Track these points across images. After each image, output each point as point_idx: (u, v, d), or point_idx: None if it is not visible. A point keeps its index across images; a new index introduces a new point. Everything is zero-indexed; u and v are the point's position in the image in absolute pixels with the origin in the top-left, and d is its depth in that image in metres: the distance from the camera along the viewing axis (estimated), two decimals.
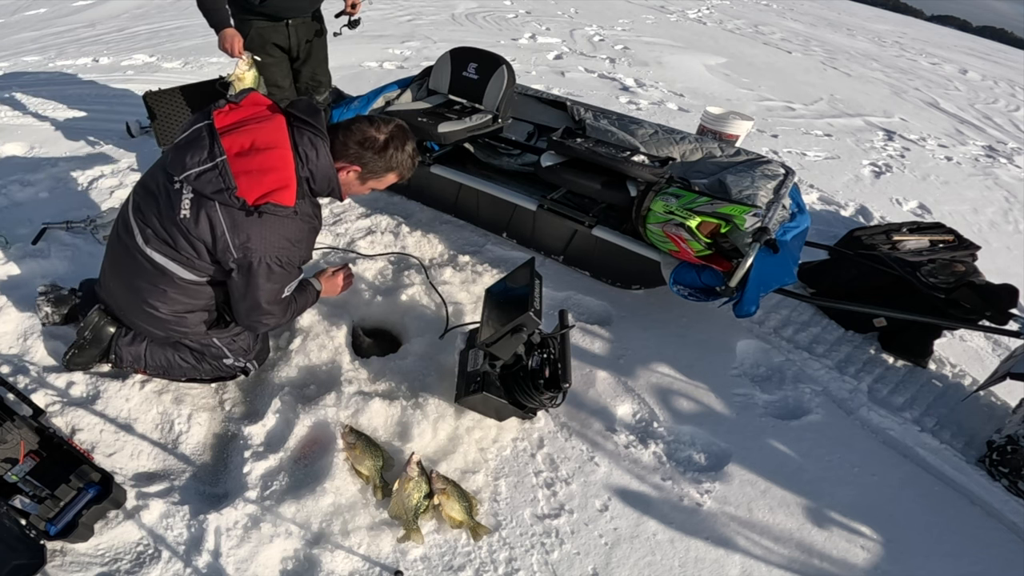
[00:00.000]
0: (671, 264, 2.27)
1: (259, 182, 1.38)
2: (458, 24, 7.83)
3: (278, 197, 1.40)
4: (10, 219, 2.58)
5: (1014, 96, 8.88)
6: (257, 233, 1.43)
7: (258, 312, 1.61)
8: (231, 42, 2.54)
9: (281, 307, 1.66)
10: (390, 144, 1.53)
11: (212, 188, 1.39)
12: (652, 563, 1.60)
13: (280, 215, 1.44)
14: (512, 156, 3.14)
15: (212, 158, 1.38)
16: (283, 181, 1.40)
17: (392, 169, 1.58)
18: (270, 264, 1.49)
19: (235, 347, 1.82)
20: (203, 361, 1.83)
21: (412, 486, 1.54)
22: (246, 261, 1.48)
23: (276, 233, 1.46)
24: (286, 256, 1.51)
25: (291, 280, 1.61)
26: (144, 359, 1.81)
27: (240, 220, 1.42)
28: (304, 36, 2.87)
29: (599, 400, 2.07)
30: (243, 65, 2.58)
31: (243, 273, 1.51)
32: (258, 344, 1.90)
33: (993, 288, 2.26)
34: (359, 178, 1.58)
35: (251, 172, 1.37)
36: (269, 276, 1.52)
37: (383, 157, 1.53)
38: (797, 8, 15.03)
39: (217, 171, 1.37)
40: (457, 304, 2.35)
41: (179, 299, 1.62)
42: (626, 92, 5.87)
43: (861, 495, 1.88)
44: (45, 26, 6.02)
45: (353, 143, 1.50)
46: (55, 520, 1.41)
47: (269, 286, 1.55)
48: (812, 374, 2.33)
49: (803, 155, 4.90)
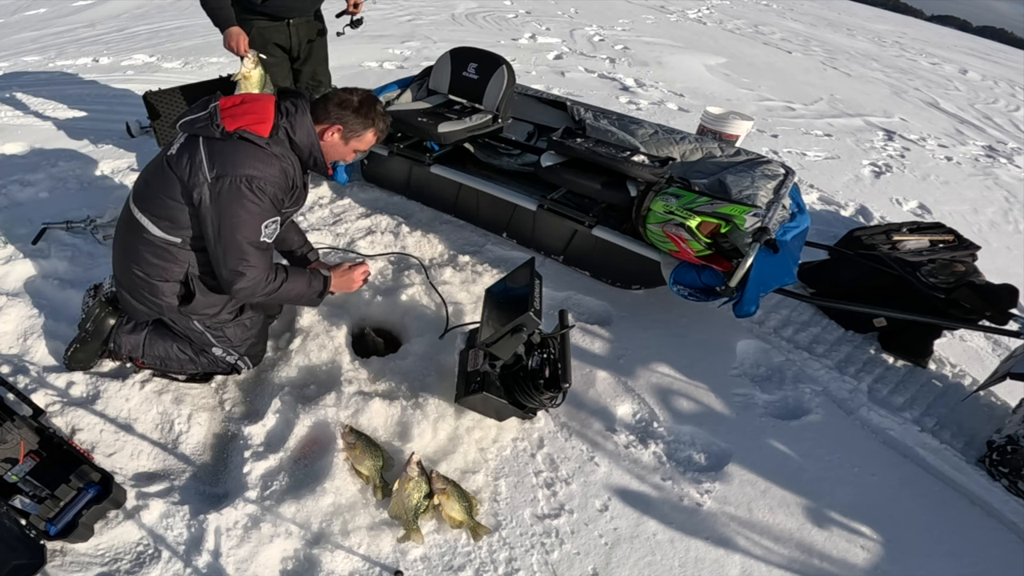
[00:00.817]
0: (671, 264, 2.27)
1: (240, 119, 1.55)
2: (458, 24, 7.83)
3: (253, 128, 1.55)
4: (10, 219, 2.58)
5: (1014, 96, 8.88)
6: (230, 155, 1.53)
7: (235, 253, 1.57)
8: (236, 40, 2.54)
9: (261, 257, 1.63)
10: (364, 103, 1.69)
11: (200, 125, 1.56)
12: (652, 563, 1.60)
13: (254, 141, 1.55)
14: (512, 156, 3.14)
15: (206, 108, 1.59)
16: (260, 118, 1.57)
17: (369, 126, 1.71)
18: (240, 186, 1.51)
19: (221, 336, 1.81)
20: (200, 354, 1.84)
21: (412, 486, 1.54)
22: (217, 183, 1.51)
23: (249, 155, 1.53)
24: (257, 183, 1.53)
25: (266, 217, 1.59)
26: (143, 347, 1.83)
27: (217, 147, 1.54)
28: (305, 36, 2.87)
29: (599, 400, 2.07)
30: (248, 63, 2.58)
31: (215, 199, 1.52)
32: (250, 338, 1.89)
33: (993, 288, 2.26)
34: (342, 138, 1.70)
35: (235, 114, 1.56)
36: (241, 201, 1.53)
37: (360, 114, 1.68)
38: (797, 8, 15.04)
39: (208, 114, 1.57)
40: (457, 304, 2.35)
41: (152, 262, 1.66)
42: (626, 92, 5.87)
43: (861, 495, 1.88)
44: (45, 26, 6.02)
45: (332, 106, 1.66)
46: (55, 520, 1.41)
47: (243, 215, 1.54)
48: (812, 374, 2.33)
49: (803, 155, 4.90)
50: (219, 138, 1.53)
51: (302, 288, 1.76)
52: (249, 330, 1.88)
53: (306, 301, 1.82)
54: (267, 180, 1.55)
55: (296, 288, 1.75)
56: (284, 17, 2.72)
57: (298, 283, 1.75)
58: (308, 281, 1.78)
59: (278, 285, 1.68)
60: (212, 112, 1.56)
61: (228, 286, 1.63)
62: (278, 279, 1.69)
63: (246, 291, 1.63)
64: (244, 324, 1.87)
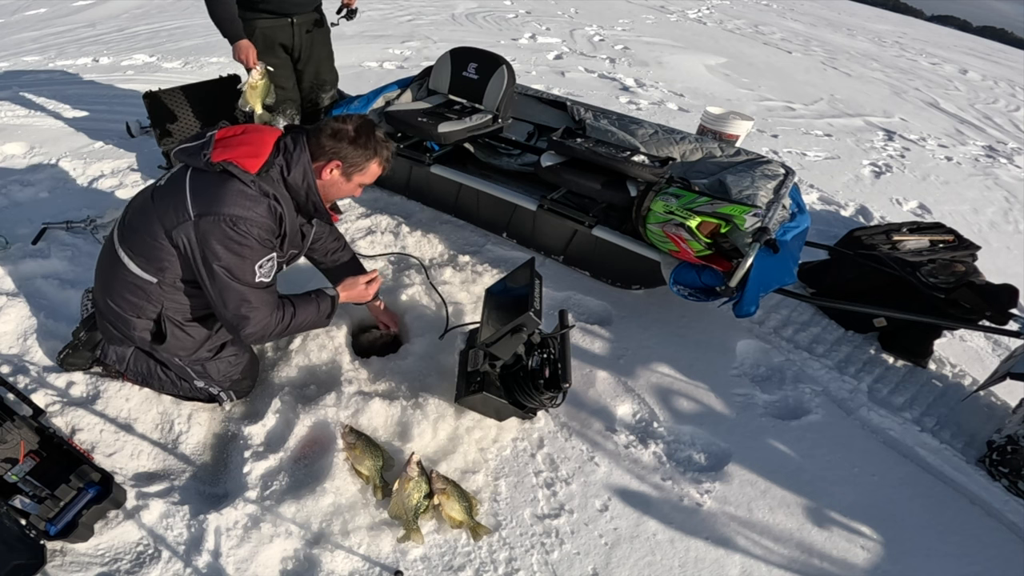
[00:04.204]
0: (671, 264, 2.26)
1: (231, 150, 1.46)
2: (458, 24, 7.83)
3: (241, 161, 1.45)
4: (10, 219, 2.58)
5: (1014, 96, 8.87)
6: (213, 191, 1.44)
7: (233, 298, 1.48)
8: (246, 53, 2.57)
9: (263, 297, 1.53)
10: (361, 131, 1.54)
11: (191, 153, 1.48)
12: (652, 563, 1.60)
13: (240, 177, 1.44)
14: (512, 156, 3.14)
15: (201, 138, 1.51)
16: (254, 152, 1.47)
17: (371, 157, 1.58)
18: (223, 227, 1.41)
19: (201, 371, 1.73)
20: (182, 380, 1.78)
21: (412, 486, 1.54)
22: (199, 222, 1.42)
23: (232, 192, 1.43)
24: (243, 223, 1.43)
25: (258, 257, 1.49)
26: (128, 362, 1.77)
27: (201, 182, 1.46)
28: (305, 29, 2.87)
29: (599, 400, 2.07)
30: (256, 75, 2.61)
31: (200, 240, 1.43)
32: (235, 374, 1.80)
33: (993, 288, 2.26)
34: (343, 173, 1.57)
35: (229, 145, 1.47)
36: (226, 243, 1.43)
37: (358, 144, 1.54)
38: (797, 8, 15.03)
39: (200, 143, 1.49)
40: (457, 304, 2.35)
41: (126, 297, 1.58)
42: (626, 92, 5.87)
43: (861, 495, 1.88)
44: (45, 26, 6.02)
45: (326, 138, 1.53)
46: (55, 520, 1.41)
47: (232, 258, 1.45)
48: (812, 374, 2.33)
49: (803, 155, 4.90)
50: (204, 169, 1.45)
51: (312, 315, 1.68)
52: (233, 367, 1.79)
53: (318, 326, 1.76)
54: (252, 221, 1.44)
55: (307, 317, 1.67)
56: (287, 13, 2.73)
57: (307, 311, 1.67)
58: (317, 306, 1.70)
59: (288, 322, 1.60)
60: (207, 141, 1.48)
61: (235, 332, 1.56)
62: (286, 315, 1.60)
63: (256, 335, 1.55)
64: (228, 361, 1.77)
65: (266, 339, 1.61)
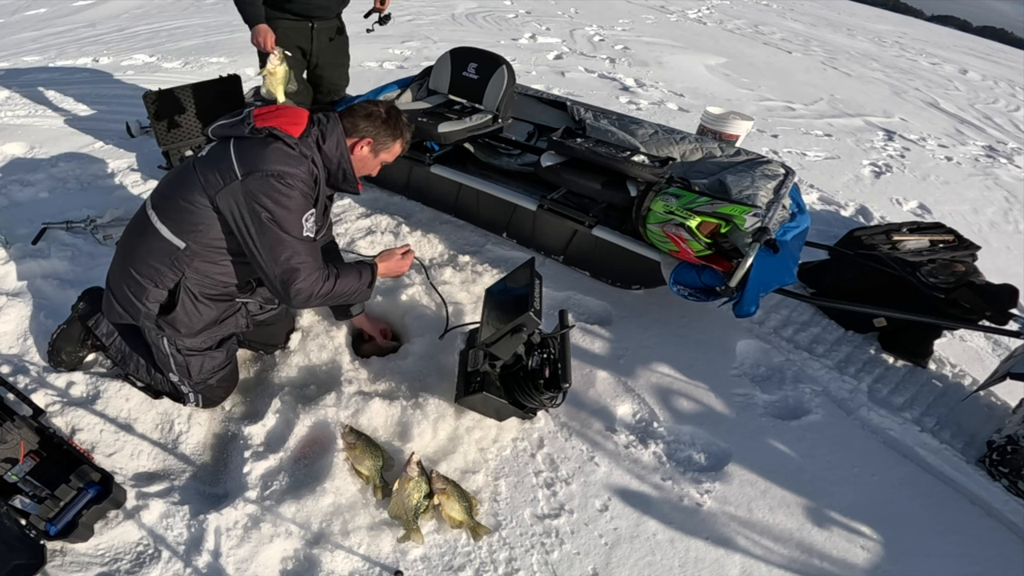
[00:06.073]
0: (671, 264, 2.26)
1: (272, 120, 1.56)
2: (458, 24, 7.83)
3: (285, 128, 1.55)
4: (10, 219, 2.58)
5: (1014, 96, 8.87)
6: (260, 152, 1.51)
7: (284, 251, 1.51)
8: (264, 37, 2.57)
9: (311, 251, 1.57)
10: (391, 115, 1.70)
11: (231, 126, 1.57)
12: (652, 563, 1.60)
13: (285, 140, 1.54)
14: (512, 156, 3.14)
15: (239, 114, 1.59)
16: (293, 121, 1.58)
17: (398, 137, 1.73)
18: (271, 180, 1.48)
19: (181, 365, 1.72)
20: (156, 370, 1.79)
21: (412, 486, 1.54)
22: (247, 180, 1.48)
23: (278, 152, 1.52)
24: (288, 178, 1.50)
25: (304, 210, 1.56)
26: (114, 336, 1.81)
27: (246, 146, 1.53)
28: (326, 36, 2.92)
29: (599, 400, 2.07)
30: (275, 60, 2.59)
31: (248, 197, 1.48)
32: (211, 379, 1.77)
33: (993, 288, 2.26)
34: (372, 151, 1.71)
35: (268, 117, 1.57)
36: (274, 196, 1.49)
37: (388, 126, 1.69)
38: (797, 8, 15.03)
39: (241, 117, 1.57)
40: (457, 304, 2.35)
41: (149, 263, 1.60)
42: (626, 92, 5.87)
43: (861, 495, 1.88)
44: (45, 26, 6.02)
45: (360, 119, 1.67)
46: (55, 520, 1.41)
47: (280, 211, 1.50)
48: (812, 374, 2.33)
49: (803, 155, 4.90)
50: (248, 136, 1.53)
51: (355, 282, 1.69)
52: (214, 372, 1.77)
53: (359, 296, 1.74)
54: (296, 176, 1.52)
55: (350, 283, 1.67)
56: (310, 17, 2.75)
57: (350, 277, 1.67)
58: (359, 274, 1.71)
59: (333, 283, 1.62)
60: (245, 115, 1.57)
61: (285, 288, 1.55)
62: (331, 276, 1.62)
63: (304, 293, 1.56)
64: (214, 362, 1.76)
65: (312, 300, 1.60)
